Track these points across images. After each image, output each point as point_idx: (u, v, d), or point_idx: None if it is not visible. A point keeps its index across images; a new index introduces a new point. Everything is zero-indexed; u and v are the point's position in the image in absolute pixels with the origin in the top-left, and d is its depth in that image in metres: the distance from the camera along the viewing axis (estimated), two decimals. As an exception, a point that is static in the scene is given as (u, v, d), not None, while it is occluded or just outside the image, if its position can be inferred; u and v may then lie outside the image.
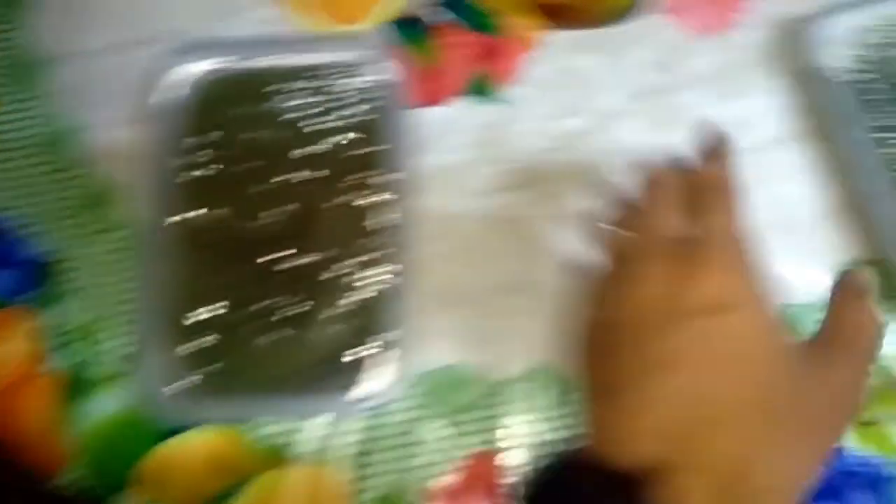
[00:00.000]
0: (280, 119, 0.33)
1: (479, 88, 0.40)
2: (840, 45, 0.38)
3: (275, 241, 0.32)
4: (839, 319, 0.26)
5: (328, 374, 0.31)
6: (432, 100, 0.40)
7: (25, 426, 0.36)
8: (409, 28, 0.41)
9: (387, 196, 0.32)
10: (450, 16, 0.41)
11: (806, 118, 0.39)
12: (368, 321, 0.31)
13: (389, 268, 0.31)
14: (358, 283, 0.32)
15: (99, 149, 0.40)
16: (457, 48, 0.40)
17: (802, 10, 0.40)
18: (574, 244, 0.37)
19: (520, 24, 0.40)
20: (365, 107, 0.33)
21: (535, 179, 0.39)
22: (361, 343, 0.31)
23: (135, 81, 0.40)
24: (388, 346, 0.31)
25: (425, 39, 0.41)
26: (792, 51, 0.39)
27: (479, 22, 0.40)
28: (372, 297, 0.32)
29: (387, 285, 0.31)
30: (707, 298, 0.24)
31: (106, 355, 0.37)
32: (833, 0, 0.39)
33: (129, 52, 0.41)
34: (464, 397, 0.36)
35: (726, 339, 0.24)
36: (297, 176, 0.32)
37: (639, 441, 0.23)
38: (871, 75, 0.37)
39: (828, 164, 0.38)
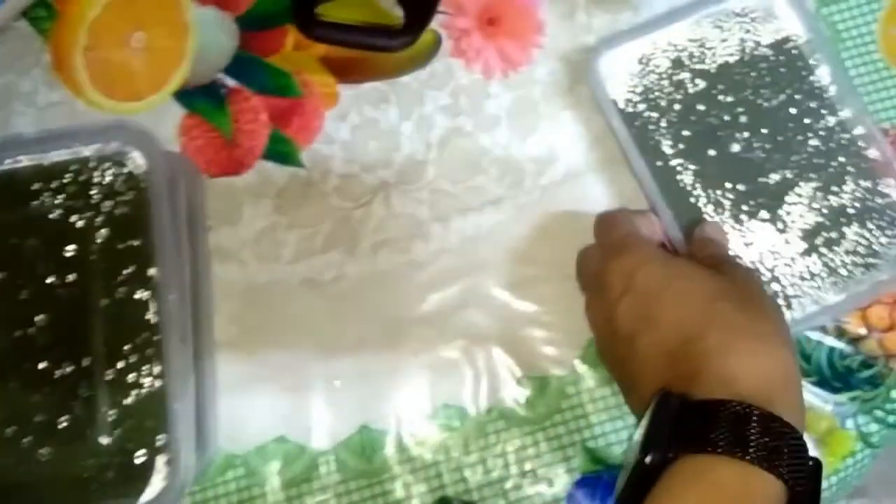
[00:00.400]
0: (42, 220, 0.32)
1: (280, 151, 0.40)
2: (620, 75, 0.38)
3: (44, 349, 0.31)
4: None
5: (113, 482, 0.31)
6: (232, 168, 0.39)
7: None
8: (201, 98, 0.40)
9: (159, 288, 0.31)
10: (244, 80, 0.40)
11: (605, 147, 0.39)
12: (148, 421, 0.31)
13: (165, 364, 0.31)
14: (135, 382, 0.31)
15: None
16: (253, 112, 0.40)
17: (587, 43, 0.41)
18: (390, 302, 0.38)
19: (318, 81, 0.40)
20: (128, 197, 0.33)
21: (345, 239, 0.39)
22: (144, 445, 0.30)
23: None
24: (168, 446, 0.30)
25: (221, 107, 0.40)
26: (581, 83, 0.40)
27: (277, 84, 0.40)
28: (149, 395, 0.31)
29: (163, 381, 0.31)
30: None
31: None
32: (616, 30, 0.40)
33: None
34: (293, 469, 0.36)
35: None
36: (63, 279, 0.31)
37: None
38: (643, 105, 0.38)
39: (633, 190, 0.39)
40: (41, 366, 0.30)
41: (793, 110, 0.38)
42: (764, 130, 0.38)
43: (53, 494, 0.30)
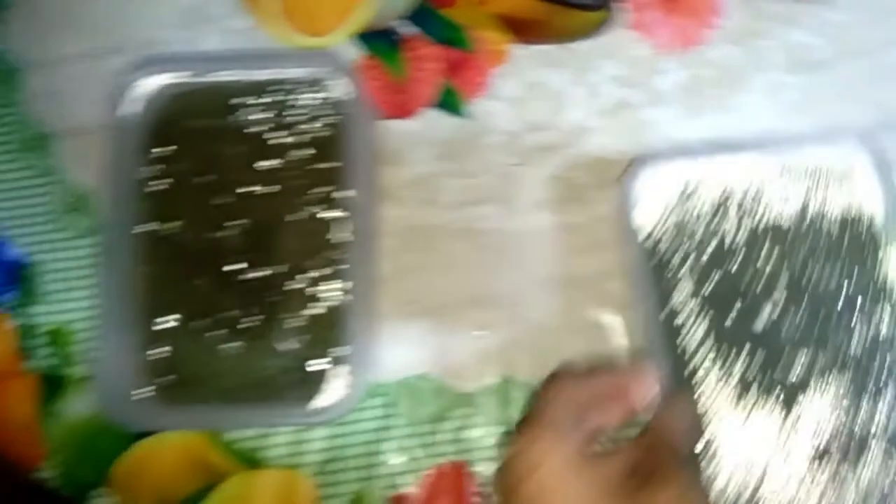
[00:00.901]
0: (242, 133, 0.34)
1: (448, 102, 0.41)
2: (654, 198, 0.36)
3: (234, 253, 0.33)
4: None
5: (289, 384, 0.32)
6: (401, 112, 0.41)
7: (7, 420, 0.37)
8: (378, 41, 0.41)
9: (345, 211, 0.33)
10: (419, 29, 0.41)
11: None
12: (326, 333, 0.32)
13: (347, 282, 0.32)
14: (316, 296, 0.33)
15: (72, 156, 0.40)
16: (426, 61, 0.41)
17: (765, 30, 0.40)
18: (542, 260, 0.39)
19: (489, 38, 0.41)
20: (326, 121, 0.34)
21: (503, 193, 0.40)
22: (320, 355, 0.32)
23: (105, 89, 0.41)
24: (343, 359, 0.32)
25: (395, 52, 0.41)
26: (754, 69, 0.40)
27: (449, 36, 0.41)
28: (329, 310, 0.32)
29: (344, 299, 0.32)
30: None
31: (78, 358, 0.38)
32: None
33: (99, 60, 0.41)
34: (429, 408, 0.37)
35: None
36: (257, 189, 0.33)
37: None
38: (667, 243, 0.35)
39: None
40: (231, 268, 0.32)
41: (841, 302, 0.33)
42: (801, 314, 0.33)
43: (235, 389, 0.31)
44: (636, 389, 0.32)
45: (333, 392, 0.32)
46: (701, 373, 0.33)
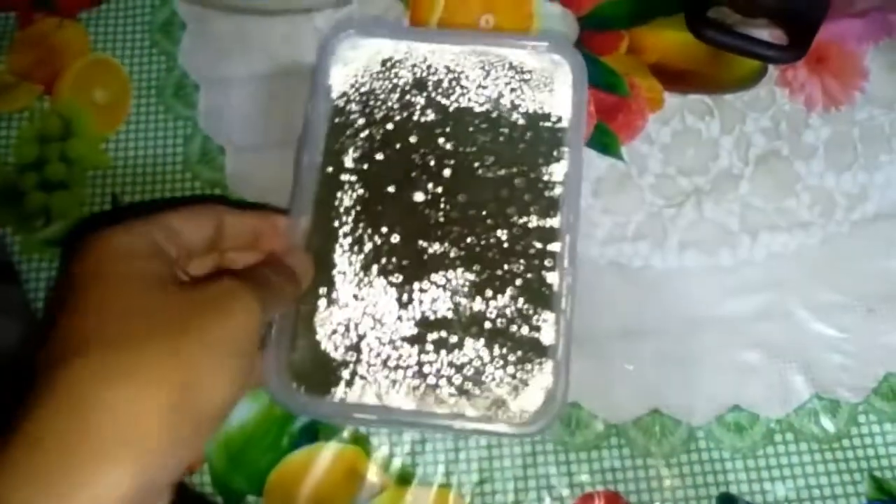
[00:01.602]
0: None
1: (605, 142, 0.42)
2: (354, 64, 0.40)
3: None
4: None
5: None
6: (559, 149, 0.42)
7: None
8: (540, 81, 0.43)
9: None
10: (578, 72, 0.43)
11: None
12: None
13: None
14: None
15: (238, 171, 0.42)
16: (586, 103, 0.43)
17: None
18: (691, 299, 0.40)
19: (645, 85, 0.43)
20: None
21: (653, 232, 0.41)
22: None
23: (271, 109, 0.43)
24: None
25: (554, 92, 0.43)
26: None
27: (609, 82, 0.43)
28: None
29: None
30: None
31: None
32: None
33: (268, 81, 0.44)
34: (580, 437, 0.38)
35: None
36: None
37: None
38: (357, 106, 0.39)
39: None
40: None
41: (504, 192, 0.37)
42: (460, 197, 0.37)
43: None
44: (271, 231, 0.34)
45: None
46: (340, 234, 0.37)
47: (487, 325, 0.36)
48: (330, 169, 0.38)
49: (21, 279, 0.40)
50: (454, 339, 0.35)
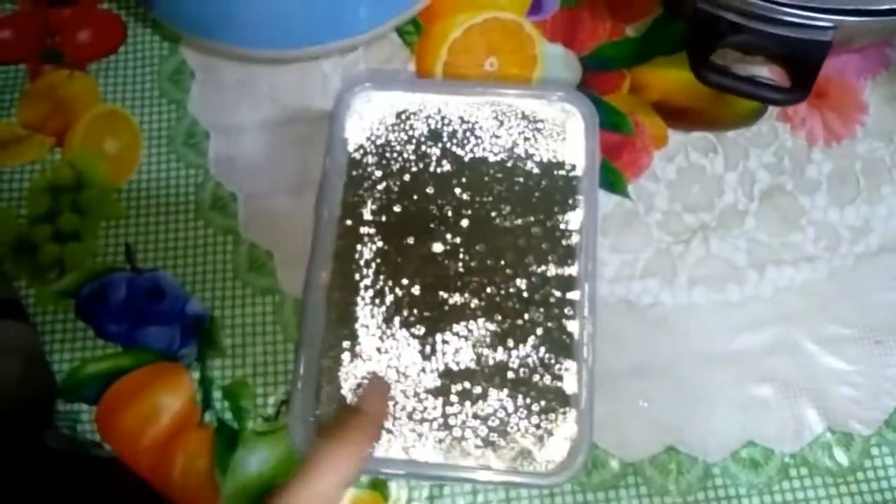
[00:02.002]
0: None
1: (609, 180, 0.43)
2: (369, 117, 0.41)
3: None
4: None
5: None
6: (566, 189, 0.43)
7: (185, 473, 0.38)
8: (546, 122, 0.44)
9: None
10: (582, 112, 0.44)
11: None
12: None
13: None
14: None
15: (251, 218, 0.43)
16: (589, 142, 0.44)
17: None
18: (702, 335, 0.40)
19: (647, 122, 0.44)
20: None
21: (661, 269, 0.41)
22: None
23: (281, 155, 0.44)
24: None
25: (560, 133, 0.44)
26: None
27: (613, 121, 0.44)
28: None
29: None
30: None
31: (253, 413, 0.39)
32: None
33: (276, 128, 0.44)
34: (598, 477, 0.38)
35: None
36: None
37: None
38: (373, 158, 0.40)
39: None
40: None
41: (521, 241, 0.38)
42: (478, 247, 0.38)
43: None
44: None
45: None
46: (362, 288, 0.38)
47: (510, 375, 0.36)
48: (349, 222, 0.39)
49: (32, 323, 0.41)
50: (478, 389, 0.36)
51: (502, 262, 0.38)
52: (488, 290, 0.37)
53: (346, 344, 0.37)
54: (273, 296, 0.41)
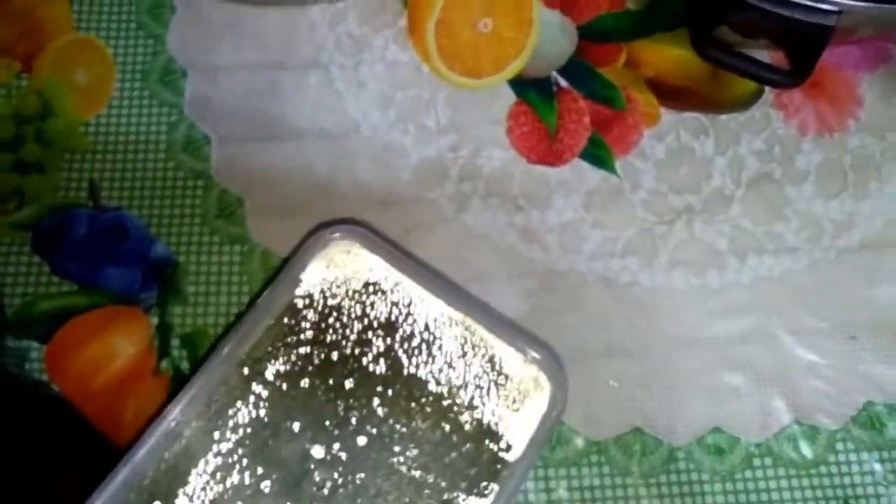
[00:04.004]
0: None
1: (598, 155, 0.42)
2: (332, 270, 0.36)
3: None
4: None
5: None
6: (550, 160, 0.42)
7: (131, 423, 0.36)
8: (533, 89, 0.43)
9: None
10: (574, 84, 0.43)
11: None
12: None
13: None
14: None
15: (223, 162, 0.41)
16: (579, 114, 0.42)
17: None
18: (678, 318, 0.39)
19: (641, 100, 0.43)
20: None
21: (643, 249, 0.40)
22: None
23: (259, 101, 0.42)
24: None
25: (550, 102, 0.43)
26: (892, 162, 0.42)
27: (605, 94, 0.43)
28: None
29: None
30: None
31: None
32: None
33: (259, 71, 0.42)
34: (562, 452, 0.37)
35: None
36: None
37: None
38: (325, 312, 0.35)
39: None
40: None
41: (407, 496, 0.32)
42: (356, 477, 0.32)
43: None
44: None
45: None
46: (222, 445, 0.33)
47: None
48: (245, 371, 0.34)
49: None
50: None
51: None
52: None
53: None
54: (242, 245, 0.40)
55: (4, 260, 0.39)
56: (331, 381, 0.34)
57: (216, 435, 0.33)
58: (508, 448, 0.34)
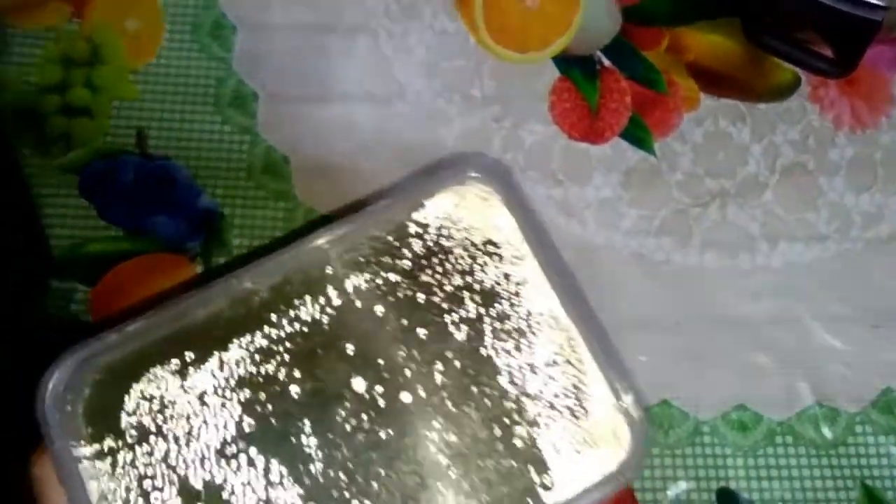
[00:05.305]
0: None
1: (638, 135, 0.43)
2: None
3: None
4: None
5: None
6: (592, 137, 0.43)
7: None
8: (577, 66, 0.43)
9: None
10: (618, 63, 0.44)
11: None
12: None
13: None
14: None
15: (270, 119, 0.41)
16: (621, 94, 0.43)
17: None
18: (708, 298, 0.40)
19: (682, 84, 0.44)
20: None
21: (677, 229, 0.41)
22: None
23: (308, 60, 0.42)
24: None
25: (594, 80, 0.43)
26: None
27: (648, 77, 0.43)
28: None
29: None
30: None
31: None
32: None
33: (309, 33, 0.43)
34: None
35: None
36: None
37: None
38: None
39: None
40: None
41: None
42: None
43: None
44: None
45: None
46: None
47: None
48: (328, 270, 0.31)
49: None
50: None
51: None
52: None
53: None
54: (286, 201, 0.40)
55: (52, 202, 0.39)
56: (404, 322, 0.31)
57: (273, 317, 0.30)
58: (550, 487, 0.30)
